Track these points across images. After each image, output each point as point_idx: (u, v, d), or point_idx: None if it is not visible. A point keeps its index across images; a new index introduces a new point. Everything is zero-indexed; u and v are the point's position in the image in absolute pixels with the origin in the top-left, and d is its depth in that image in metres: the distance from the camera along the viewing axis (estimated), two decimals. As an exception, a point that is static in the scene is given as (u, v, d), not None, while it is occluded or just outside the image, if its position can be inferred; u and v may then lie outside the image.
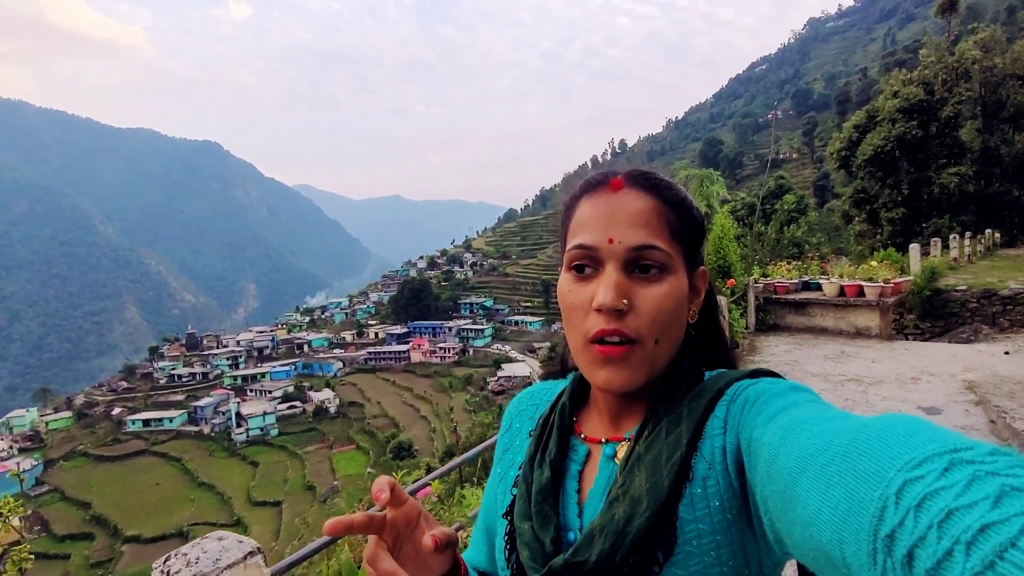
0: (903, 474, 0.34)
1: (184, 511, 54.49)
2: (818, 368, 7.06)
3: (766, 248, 14.17)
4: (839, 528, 0.36)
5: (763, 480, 0.50)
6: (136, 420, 72.87)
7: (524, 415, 0.87)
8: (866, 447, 0.38)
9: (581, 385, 0.80)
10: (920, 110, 22.45)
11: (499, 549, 0.76)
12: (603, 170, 0.72)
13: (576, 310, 0.68)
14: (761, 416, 0.57)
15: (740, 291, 8.71)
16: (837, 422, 0.45)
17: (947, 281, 10.65)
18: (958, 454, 0.33)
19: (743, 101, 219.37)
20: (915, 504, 0.32)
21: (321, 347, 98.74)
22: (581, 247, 0.67)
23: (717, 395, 0.66)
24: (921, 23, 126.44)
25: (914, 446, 0.36)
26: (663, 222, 0.68)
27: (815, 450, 0.43)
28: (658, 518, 0.61)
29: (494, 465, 0.87)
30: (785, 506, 0.44)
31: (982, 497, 0.30)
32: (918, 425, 0.38)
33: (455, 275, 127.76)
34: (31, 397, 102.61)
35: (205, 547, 1.46)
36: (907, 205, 22.95)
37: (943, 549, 0.29)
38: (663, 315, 0.66)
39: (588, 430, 0.77)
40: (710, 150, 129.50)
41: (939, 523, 0.30)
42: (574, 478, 0.73)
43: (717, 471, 0.61)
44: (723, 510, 0.60)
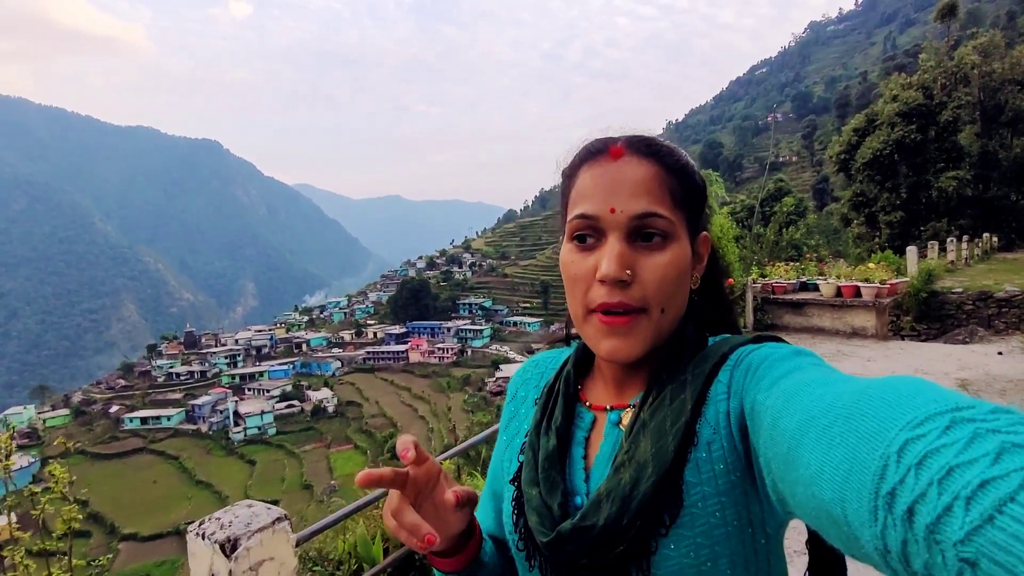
0: (905, 433, 0.34)
1: (181, 509, 54.36)
2: None
3: (765, 250, 14.26)
4: (841, 487, 0.37)
5: (767, 443, 0.51)
6: (134, 418, 72.89)
7: (529, 383, 0.88)
8: (868, 408, 0.39)
9: (585, 353, 0.81)
10: (919, 114, 22.55)
11: (507, 514, 0.78)
12: (603, 137, 0.71)
13: (579, 281, 0.67)
14: (765, 380, 0.57)
15: (739, 291, 8.82)
16: (840, 384, 0.46)
17: (944, 283, 10.76)
18: (959, 412, 0.34)
19: (743, 104, 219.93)
20: (916, 462, 0.32)
21: (320, 346, 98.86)
22: (583, 217, 0.67)
23: (721, 360, 0.67)
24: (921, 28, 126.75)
25: (916, 406, 0.36)
26: (665, 189, 0.67)
27: (818, 412, 0.43)
28: (664, 482, 0.62)
29: (500, 432, 0.89)
30: (788, 467, 0.45)
31: (982, 454, 0.30)
32: (920, 385, 0.39)
33: (454, 275, 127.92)
34: (29, 394, 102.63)
35: (236, 512, 1.57)
36: (905, 208, 23.05)
37: (943, 504, 0.30)
38: (667, 283, 0.66)
39: (593, 397, 0.77)
40: (710, 152, 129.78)
41: (939, 480, 0.31)
42: (580, 445, 0.74)
43: (722, 435, 0.62)
44: (727, 472, 0.61)
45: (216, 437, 68.50)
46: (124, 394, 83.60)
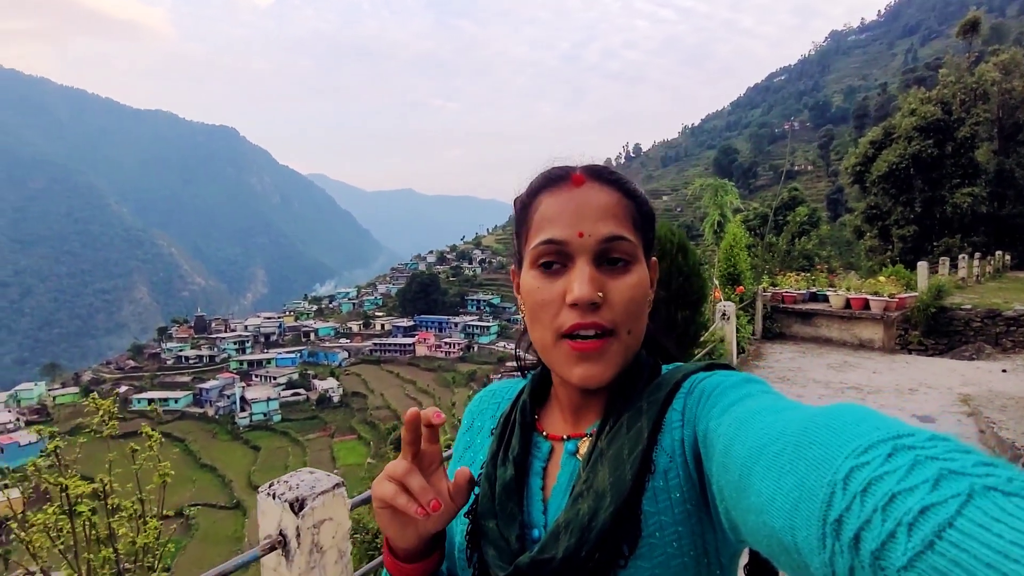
0: (850, 461, 0.35)
1: (185, 491, 54.45)
2: (820, 376, 7.29)
3: (776, 259, 14.32)
4: (791, 514, 0.37)
5: (719, 470, 0.51)
6: (142, 399, 73.48)
7: (485, 413, 0.86)
8: (816, 436, 0.39)
9: (541, 383, 0.81)
10: (937, 129, 22.50)
11: (459, 548, 0.75)
12: (562, 165, 0.72)
13: (546, 307, 0.67)
14: (716, 408, 0.58)
15: (749, 299, 8.93)
16: (789, 412, 0.47)
17: (953, 300, 10.82)
18: (901, 440, 0.35)
19: (760, 111, 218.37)
20: (861, 489, 0.33)
21: (327, 336, 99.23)
22: (551, 242, 0.67)
23: (675, 388, 0.67)
24: (944, 41, 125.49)
25: (860, 433, 0.37)
26: (627, 214, 0.69)
27: (768, 440, 0.44)
28: (622, 512, 0.61)
29: (451, 463, 0.85)
30: (740, 495, 0.45)
31: (922, 480, 0.31)
32: (865, 414, 0.40)
33: (463, 271, 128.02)
34: (39, 371, 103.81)
35: (301, 478, 1.77)
36: (919, 223, 23.00)
37: (887, 531, 0.30)
38: (634, 305, 0.67)
39: (549, 427, 0.77)
40: (725, 158, 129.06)
41: (883, 506, 0.31)
42: (538, 475, 0.74)
43: (677, 463, 0.62)
44: (684, 501, 0.61)
45: (222, 421, 68.98)
46: (133, 375, 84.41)
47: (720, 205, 11.98)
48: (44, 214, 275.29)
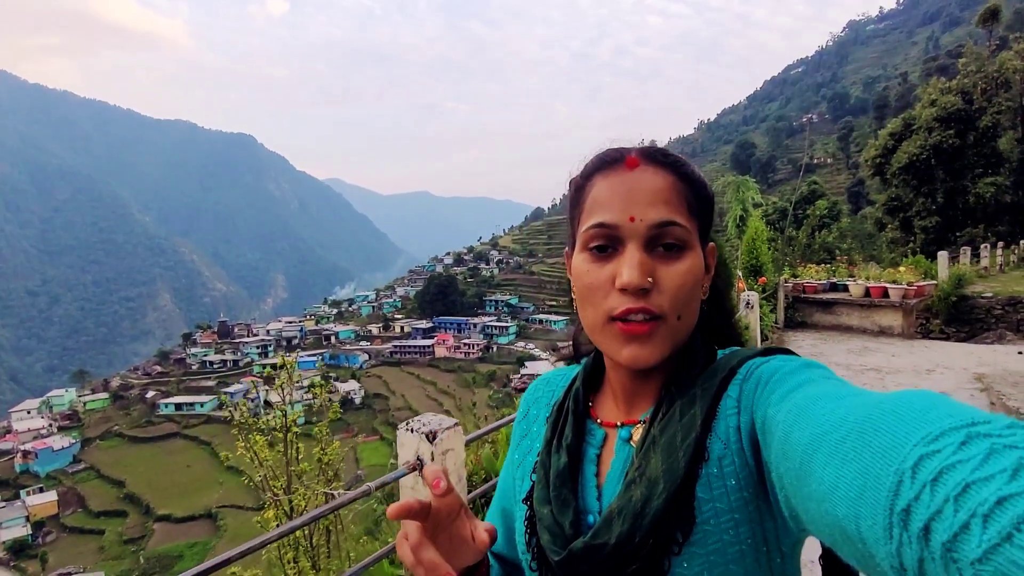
0: (919, 448, 0.34)
1: (213, 493, 55.89)
2: (841, 359, 7.57)
3: (796, 252, 14.52)
4: (855, 503, 0.36)
5: (778, 457, 0.50)
6: (169, 404, 74.95)
7: (540, 401, 0.87)
8: (881, 422, 0.38)
9: (594, 369, 0.81)
10: (958, 119, 22.40)
11: (519, 533, 0.77)
12: (617, 147, 0.72)
13: (595, 290, 0.67)
14: (775, 394, 0.57)
15: (771, 289, 9.24)
16: (852, 398, 0.45)
17: (975, 288, 10.94)
18: (975, 428, 0.33)
19: (777, 104, 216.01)
20: (931, 478, 0.32)
21: (348, 339, 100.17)
22: (601, 226, 0.67)
23: (730, 374, 0.67)
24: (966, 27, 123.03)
25: (931, 420, 0.35)
26: (681, 199, 0.68)
27: (830, 426, 0.43)
28: (675, 499, 0.61)
29: (510, 451, 0.88)
30: (800, 482, 0.44)
31: (999, 470, 0.30)
32: (935, 400, 0.38)
33: (481, 272, 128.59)
34: (69, 378, 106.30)
35: (429, 418, 2.20)
36: (941, 214, 22.91)
37: (960, 522, 0.29)
38: (685, 291, 0.66)
39: (603, 414, 0.77)
40: (742, 153, 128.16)
41: (956, 496, 0.30)
42: (592, 462, 0.74)
43: (732, 451, 0.62)
44: (740, 489, 0.61)
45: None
46: (160, 380, 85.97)
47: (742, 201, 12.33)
48: (70, 224, 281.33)
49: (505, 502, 0.88)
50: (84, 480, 60.40)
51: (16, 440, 66.09)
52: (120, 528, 52.67)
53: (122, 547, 50.11)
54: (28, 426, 69.81)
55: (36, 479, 60.17)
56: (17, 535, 50.17)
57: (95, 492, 58.41)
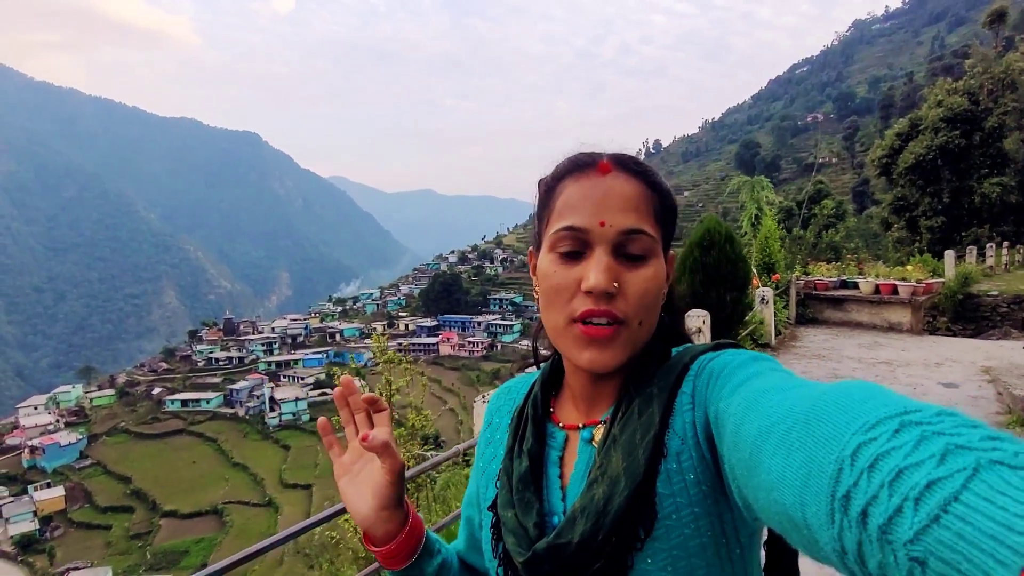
0: (858, 437, 0.35)
1: (218, 489, 56.18)
2: (853, 354, 7.81)
3: (804, 252, 14.76)
4: (800, 491, 0.38)
5: (730, 450, 0.52)
6: (175, 400, 75.18)
7: (503, 410, 0.88)
8: (824, 413, 0.40)
9: (553, 373, 0.82)
10: (964, 120, 22.51)
11: (486, 541, 0.78)
12: (590, 152, 0.72)
13: (561, 291, 0.68)
14: (726, 388, 0.59)
15: (783, 286, 9.50)
16: (798, 390, 0.47)
17: (980, 287, 11.13)
18: (908, 416, 0.35)
19: (782, 103, 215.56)
20: (868, 465, 0.33)
21: (352, 336, 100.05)
22: (571, 229, 0.67)
23: (683, 371, 0.67)
24: (972, 27, 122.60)
25: (868, 410, 0.37)
26: (649, 208, 0.69)
27: (777, 418, 0.44)
28: (637, 496, 0.62)
29: (475, 460, 0.89)
30: (750, 472, 0.46)
31: (928, 456, 0.31)
32: (873, 391, 0.40)
33: (485, 270, 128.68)
34: (76, 374, 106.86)
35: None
36: (947, 214, 23.02)
37: (894, 506, 0.31)
38: (648, 298, 0.67)
39: (564, 417, 0.78)
40: (747, 152, 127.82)
41: (890, 482, 0.32)
42: (555, 464, 0.75)
43: (690, 445, 0.63)
44: (698, 483, 0.62)
45: (252, 421, 70.17)
46: (166, 377, 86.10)
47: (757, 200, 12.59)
48: (76, 222, 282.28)
49: (470, 510, 0.89)
50: (91, 476, 60.75)
51: (24, 436, 66.54)
52: (127, 524, 52.98)
53: (129, 542, 50.43)
54: (35, 422, 70.23)
55: (43, 474, 60.58)
56: (25, 530, 50.64)
57: (102, 488, 58.76)
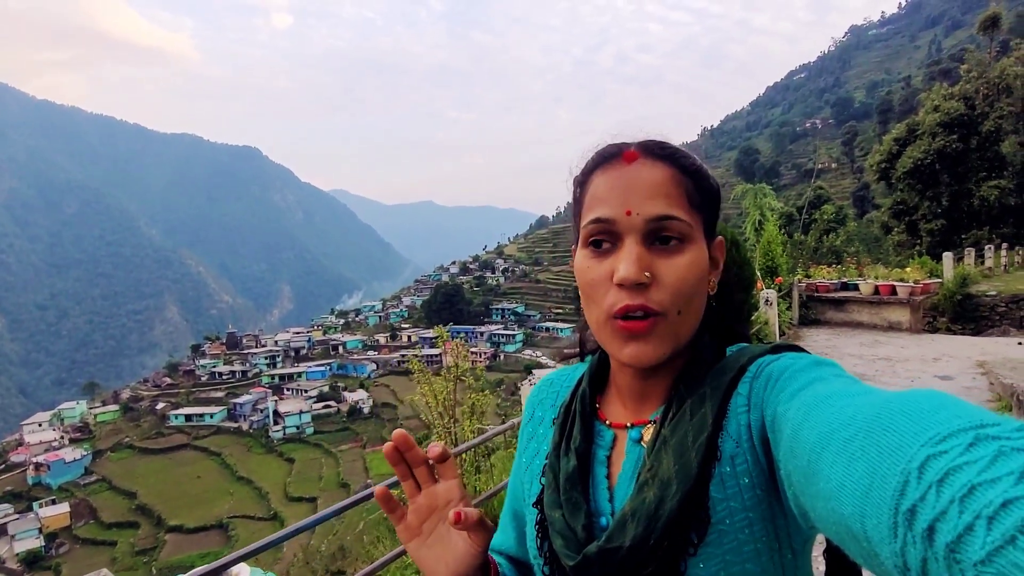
0: (926, 449, 0.34)
1: (224, 504, 56.05)
2: (855, 351, 8.13)
3: (805, 256, 15.02)
4: (861, 502, 0.36)
5: (786, 455, 0.50)
6: (179, 415, 75.10)
7: (546, 403, 0.86)
8: (890, 422, 0.38)
9: (600, 369, 0.80)
10: (961, 124, 22.77)
11: (530, 538, 0.76)
12: (616, 142, 0.70)
13: (596, 286, 0.66)
14: (785, 392, 0.56)
15: (786, 289, 9.81)
16: (861, 397, 0.45)
17: (979, 287, 11.37)
18: (984, 430, 0.33)
19: (781, 109, 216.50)
20: (938, 479, 0.32)
21: (355, 349, 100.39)
22: (598, 221, 0.66)
23: (739, 372, 0.65)
24: (968, 31, 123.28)
25: (939, 421, 0.35)
26: (681, 191, 0.66)
27: (838, 424, 0.42)
28: (689, 499, 0.60)
29: (518, 455, 0.88)
30: (808, 480, 0.44)
31: (1006, 472, 0.29)
32: (944, 400, 0.38)
33: (487, 281, 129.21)
34: (79, 390, 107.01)
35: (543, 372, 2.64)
36: (947, 217, 23.23)
37: (964, 524, 0.29)
38: (686, 286, 0.65)
39: (611, 415, 0.76)
40: (746, 159, 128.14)
41: (961, 498, 0.30)
42: (602, 464, 0.73)
43: (744, 449, 0.61)
44: (753, 487, 0.60)
45: (256, 435, 70.00)
46: (169, 392, 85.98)
47: (760, 207, 12.91)
48: (78, 238, 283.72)
49: (516, 504, 0.87)
50: (96, 492, 60.59)
51: (28, 452, 66.58)
52: (132, 539, 52.84)
53: (134, 558, 50.27)
54: (40, 438, 70.26)
55: (48, 491, 60.50)
56: (31, 547, 50.54)
57: (107, 504, 58.61)
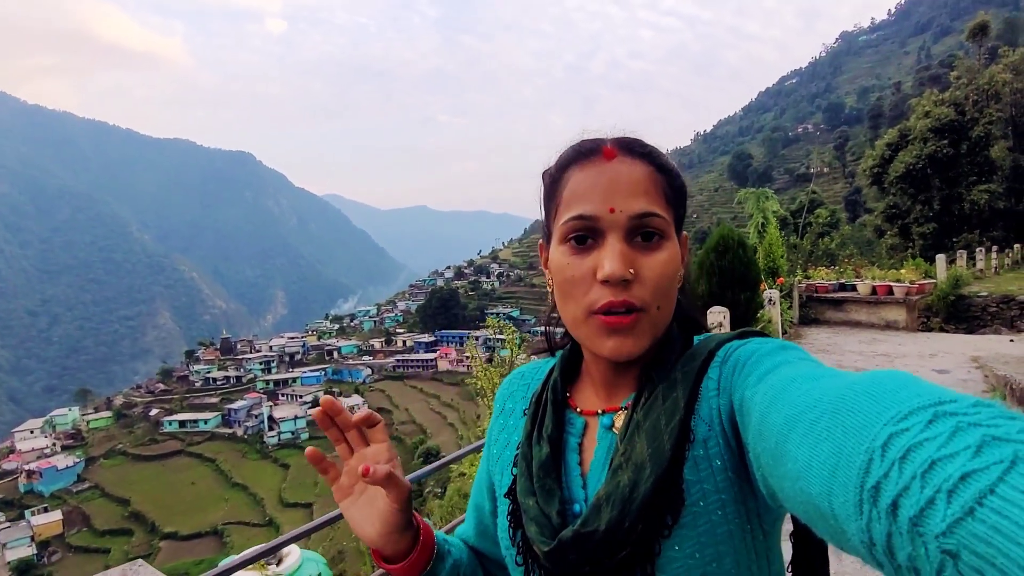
0: (889, 427, 0.35)
1: (218, 510, 55.77)
2: (854, 348, 8.56)
3: (800, 259, 15.43)
4: (828, 481, 0.37)
5: (755, 437, 0.51)
6: (173, 421, 74.67)
7: (516, 395, 0.87)
8: (854, 403, 0.39)
9: (571, 360, 0.81)
10: (951, 129, 23.21)
11: (502, 528, 0.77)
12: (593, 138, 0.71)
13: (577, 283, 0.66)
14: (752, 376, 0.58)
15: (787, 289, 10.25)
16: (826, 379, 0.46)
17: (971, 289, 11.74)
18: (942, 407, 0.34)
19: (773, 114, 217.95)
20: (900, 456, 0.33)
21: (350, 354, 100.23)
22: (581, 217, 0.66)
23: (709, 357, 0.66)
24: (957, 36, 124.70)
25: (900, 400, 0.36)
26: (659, 189, 0.68)
27: (804, 407, 0.44)
28: (663, 482, 0.61)
29: (487, 447, 0.87)
30: (776, 462, 0.45)
31: (964, 447, 0.31)
32: (905, 380, 0.39)
33: (482, 285, 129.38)
34: (71, 397, 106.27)
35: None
36: (938, 220, 23.63)
37: (925, 498, 0.30)
38: (665, 281, 0.66)
39: (582, 403, 0.77)
40: (739, 164, 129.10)
41: (922, 473, 0.31)
42: (574, 451, 0.73)
43: (716, 432, 0.62)
44: (725, 470, 0.61)
45: (251, 441, 69.74)
46: (163, 398, 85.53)
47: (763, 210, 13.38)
48: (69, 244, 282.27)
49: (479, 497, 0.88)
50: (89, 499, 60.22)
51: (20, 460, 66.12)
52: (126, 546, 52.41)
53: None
54: (32, 446, 69.83)
55: (41, 499, 60.08)
56: (23, 555, 49.99)
57: (100, 511, 58.23)
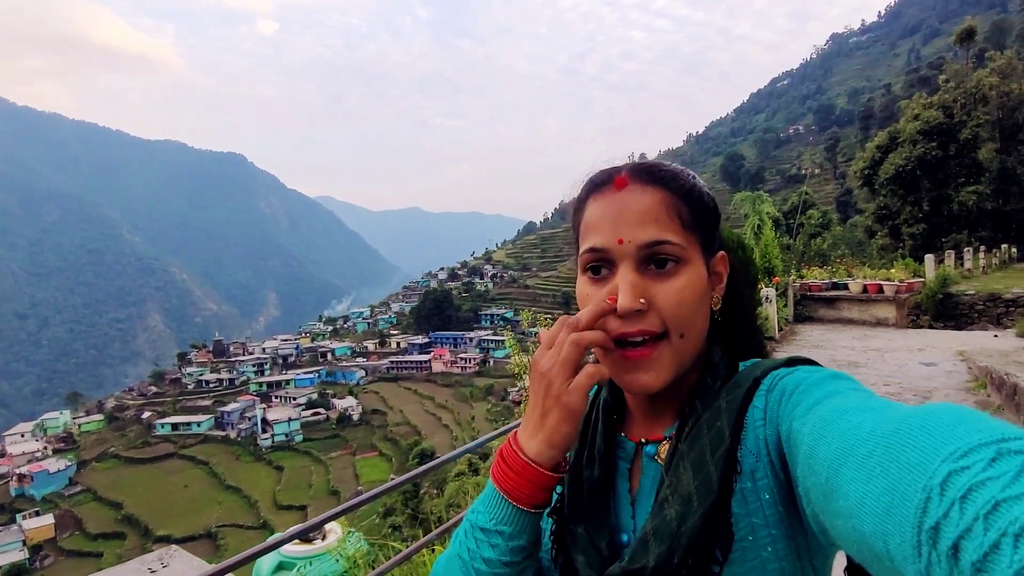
0: (948, 464, 0.33)
1: (212, 513, 55.61)
2: (847, 343, 8.91)
3: (793, 260, 15.80)
4: (882, 520, 0.35)
5: (804, 472, 0.49)
6: (165, 424, 74.28)
7: None
8: (909, 437, 0.37)
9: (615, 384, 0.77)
10: (940, 132, 23.64)
11: (545, 548, 0.73)
12: (607, 168, 0.71)
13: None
14: (800, 407, 0.55)
15: (782, 289, 10.64)
16: (879, 411, 0.44)
17: (959, 287, 12.08)
18: (1006, 444, 0.32)
19: (764, 116, 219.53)
20: (960, 495, 0.31)
21: (344, 355, 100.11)
22: (592, 250, 0.67)
23: (754, 385, 0.64)
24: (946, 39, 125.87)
25: (960, 436, 0.34)
26: (672, 214, 0.66)
27: (856, 441, 0.42)
28: (711, 515, 0.58)
29: None
30: (827, 498, 0.43)
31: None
32: (963, 414, 0.37)
33: (476, 287, 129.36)
34: (63, 400, 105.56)
35: None
36: (928, 221, 24.05)
37: (990, 541, 0.28)
38: (684, 308, 0.64)
39: (627, 430, 0.75)
40: (731, 165, 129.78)
41: (985, 515, 0.29)
42: (624, 477, 0.72)
43: (764, 463, 0.60)
44: (774, 503, 0.59)
45: (244, 443, 69.67)
46: (155, 400, 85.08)
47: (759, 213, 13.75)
48: (59, 246, 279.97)
49: None
50: (81, 503, 59.95)
51: (11, 464, 65.64)
52: (119, 550, 52.04)
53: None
54: (23, 449, 69.34)
55: (32, 503, 59.70)
56: (14, 559, 49.63)
57: (92, 514, 57.90)
